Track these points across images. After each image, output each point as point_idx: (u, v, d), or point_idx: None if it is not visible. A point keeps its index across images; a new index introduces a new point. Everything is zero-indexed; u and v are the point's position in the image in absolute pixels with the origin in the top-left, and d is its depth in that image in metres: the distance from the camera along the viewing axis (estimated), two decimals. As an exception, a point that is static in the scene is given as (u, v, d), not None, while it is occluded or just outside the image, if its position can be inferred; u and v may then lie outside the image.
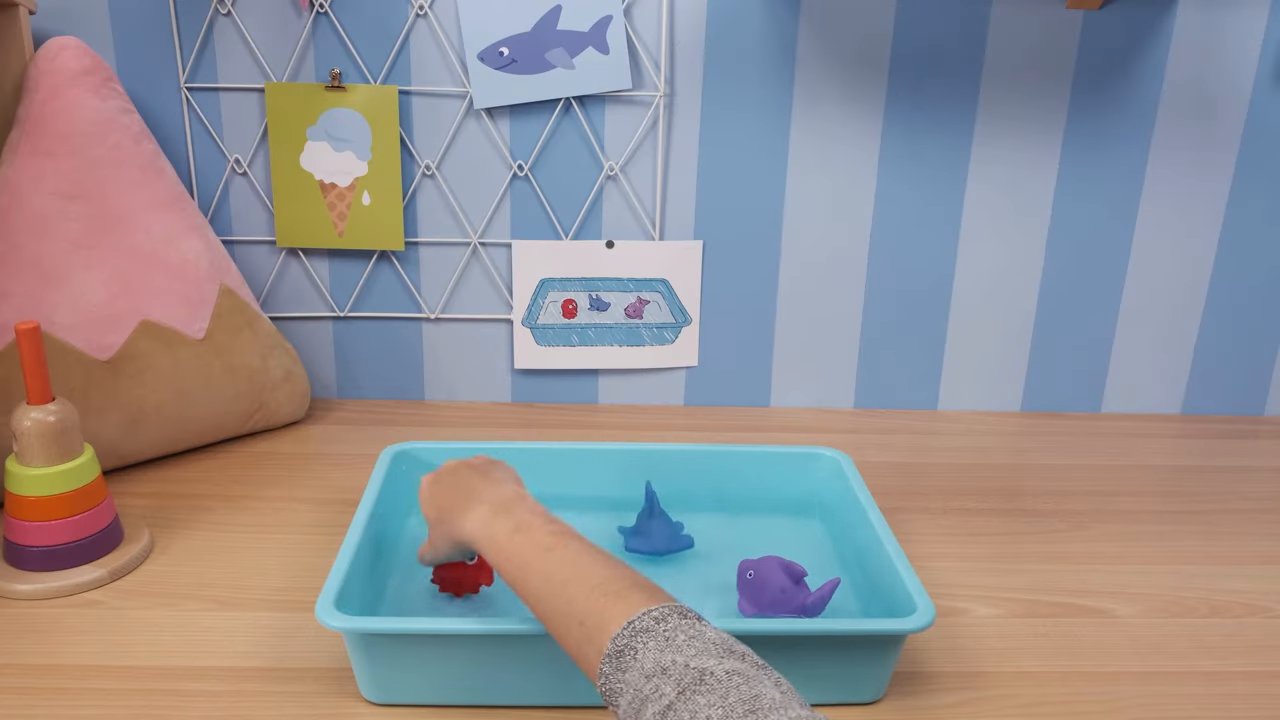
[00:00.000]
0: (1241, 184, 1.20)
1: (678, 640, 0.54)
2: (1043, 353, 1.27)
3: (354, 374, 1.25)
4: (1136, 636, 0.83)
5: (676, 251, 1.21)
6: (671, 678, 0.52)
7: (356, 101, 1.13)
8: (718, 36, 1.14)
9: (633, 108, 1.16)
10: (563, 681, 0.72)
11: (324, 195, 1.16)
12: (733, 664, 0.53)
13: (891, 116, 1.17)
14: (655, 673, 0.53)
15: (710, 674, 0.52)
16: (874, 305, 1.24)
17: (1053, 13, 1.13)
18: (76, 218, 0.99)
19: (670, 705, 0.51)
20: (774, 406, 1.28)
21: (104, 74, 1.02)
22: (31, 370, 0.83)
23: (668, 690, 0.52)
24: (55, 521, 0.84)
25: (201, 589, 0.86)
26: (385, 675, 0.71)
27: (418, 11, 1.11)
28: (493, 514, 0.70)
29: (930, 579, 0.89)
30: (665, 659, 0.53)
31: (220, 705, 0.72)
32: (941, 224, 1.21)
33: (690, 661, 0.53)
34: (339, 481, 1.04)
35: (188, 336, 1.05)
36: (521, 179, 1.18)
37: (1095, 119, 1.17)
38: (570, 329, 1.23)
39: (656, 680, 0.52)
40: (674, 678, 0.52)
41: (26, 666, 0.75)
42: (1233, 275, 1.24)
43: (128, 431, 1.03)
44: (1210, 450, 1.20)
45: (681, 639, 0.55)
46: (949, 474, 1.11)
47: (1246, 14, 1.14)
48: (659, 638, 0.55)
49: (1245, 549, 0.97)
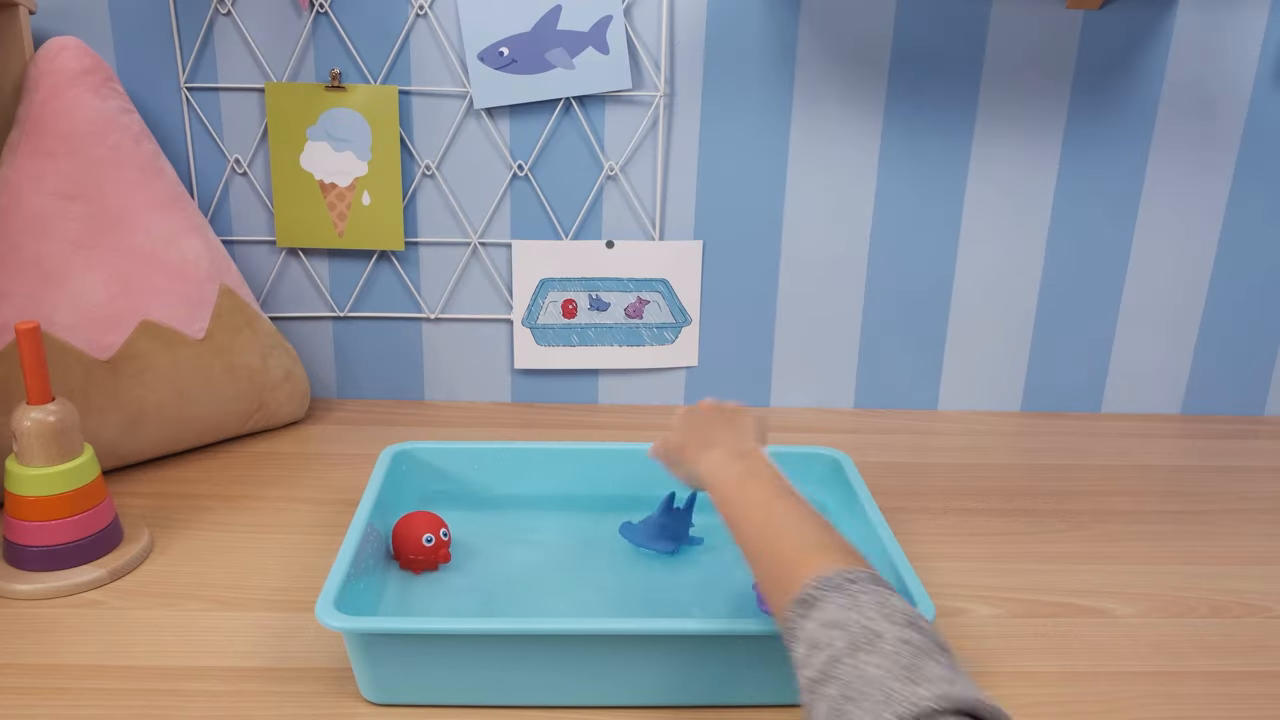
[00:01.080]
0: (1241, 184, 1.20)
1: (862, 602, 0.57)
2: (1043, 353, 1.27)
3: (354, 374, 1.25)
4: (1136, 636, 0.83)
5: (676, 251, 1.21)
6: (847, 632, 0.55)
7: (356, 101, 1.13)
8: (718, 36, 1.14)
9: (633, 108, 1.16)
10: (563, 681, 0.72)
11: (324, 195, 1.16)
12: (909, 634, 0.54)
13: (891, 116, 1.17)
14: (833, 624, 0.56)
15: (882, 636, 0.54)
16: (874, 305, 1.24)
17: (1053, 13, 1.13)
18: (76, 218, 0.99)
19: (838, 657, 0.53)
20: (774, 406, 1.28)
21: (104, 74, 1.02)
22: (31, 370, 0.83)
23: (839, 643, 0.54)
24: (55, 521, 0.84)
25: (201, 589, 0.86)
26: (385, 675, 0.71)
27: (418, 11, 1.11)
28: (728, 458, 0.75)
29: (930, 579, 0.89)
30: (846, 616, 0.56)
31: (220, 705, 0.72)
32: (941, 224, 1.21)
33: (868, 623, 0.55)
34: (339, 481, 1.04)
35: (188, 336, 1.05)
36: (521, 179, 1.18)
37: (1095, 119, 1.17)
38: (570, 329, 1.23)
39: (833, 632, 0.55)
40: (849, 633, 0.55)
41: (26, 666, 0.75)
42: (1233, 275, 1.24)
43: (128, 431, 1.03)
44: (1210, 450, 1.20)
45: (866, 601, 0.57)
46: (949, 474, 1.11)
47: (1246, 14, 1.14)
48: (847, 595, 0.58)
49: (1245, 549, 0.97)
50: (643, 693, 0.73)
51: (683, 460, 0.81)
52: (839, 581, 0.59)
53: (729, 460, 0.75)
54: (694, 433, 0.81)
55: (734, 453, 0.76)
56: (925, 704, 0.49)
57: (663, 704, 0.73)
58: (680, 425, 0.83)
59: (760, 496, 0.70)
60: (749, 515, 0.69)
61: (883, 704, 0.49)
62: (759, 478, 0.72)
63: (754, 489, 0.71)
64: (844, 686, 0.52)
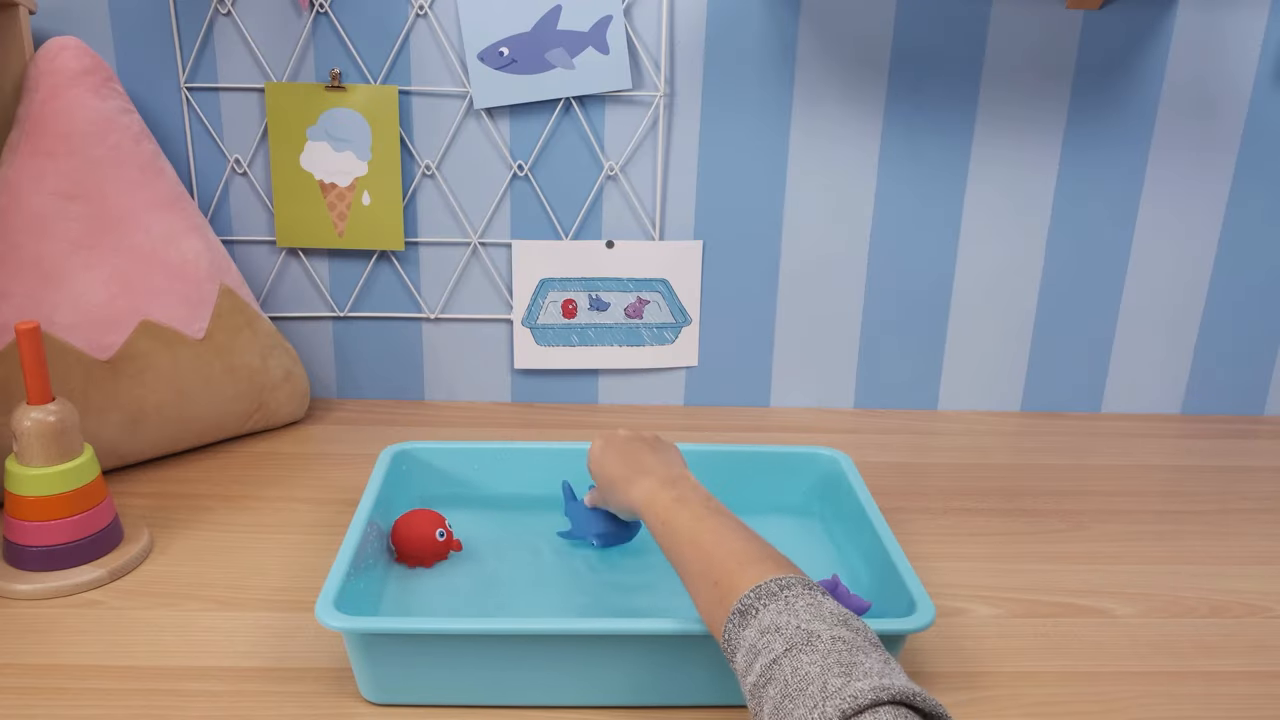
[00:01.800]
0: (1241, 184, 1.20)
1: (797, 606, 0.59)
2: (1043, 353, 1.27)
3: (354, 374, 1.25)
4: (1136, 636, 0.83)
5: (676, 251, 1.21)
6: (783, 635, 0.57)
7: (356, 101, 1.13)
8: (718, 36, 1.14)
9: (633, 108, 1.16)
10: (563, 682, 0.72)
11: (324, 195, 1.16)
12: (842, 631, 0.56)
13: (891, 116, 1.17)
14: (770, 630, 0.58)
15: (818, 636, 0.56)
16: (874, 305, 1.24)
17: (1053, 13, 1.13)
18: (76, 218, 0.99)
19: (776, 659, 0.56)
20: (774, 406, 1.28)
21: (104, 74, 1.02)
22: (31, 370, 0.83)
23: (777, 645, 0.56)
24: (55, 521, 0.84)
25: (201, 589, 0.86)
26: (385, 675, 0.71)
27: (418, 11, 1.11)
28: (660, 486, 0.77)
29: (930, 579, 0.89)
30: (782, 620, 0.58)
31: (220, 705, 0.72)
32: (941, 224, 1.21)
33: (802, 624, 0.57)
34: (339, 481, 1.04)
35: (188, 336, 1.05)
36: (521, 179, 1.18)
37: (1095, 119, 1.17)
38: (570, 329, 1.23)
39: (770, 636, 0.57)
40: (785, 635, 0.57)
41: (26, 666, 0.75)
42: (1233, 275, 1.24)
43: (128, 431, 1.03)
44: (1210, 450, 1.20)
45: (801, 605, 0.59)
46: (949, 474, 1.11)
47: (1246, 14, 1.14)
48: (781, 601, 0.59)
49: (1245, 549, 0.97)
50: (643, 692, 0.73)
51: (615, 492, 0.82)
52: (773, 589, 0.61)
53: (660, 488, 0.76)
54: (622, 464, 0.82)
55: (664, 480, 0.78)
56: (864, 697, 0.50)
57: (663, 704, 0.73)
58: (601, 459, 0.85)
59: (691, 519, 0.71)
60: (681, 539, 0.70)
61: (821, 699, 0.51)
62: (689, 502, 0.73)
63: (685, 513, 0.72)
64: (784, 686, 0.54)
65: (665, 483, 0.77)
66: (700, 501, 0.74)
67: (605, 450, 0.85)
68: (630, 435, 0.86)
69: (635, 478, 0.80)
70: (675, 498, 0.75)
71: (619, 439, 0.86)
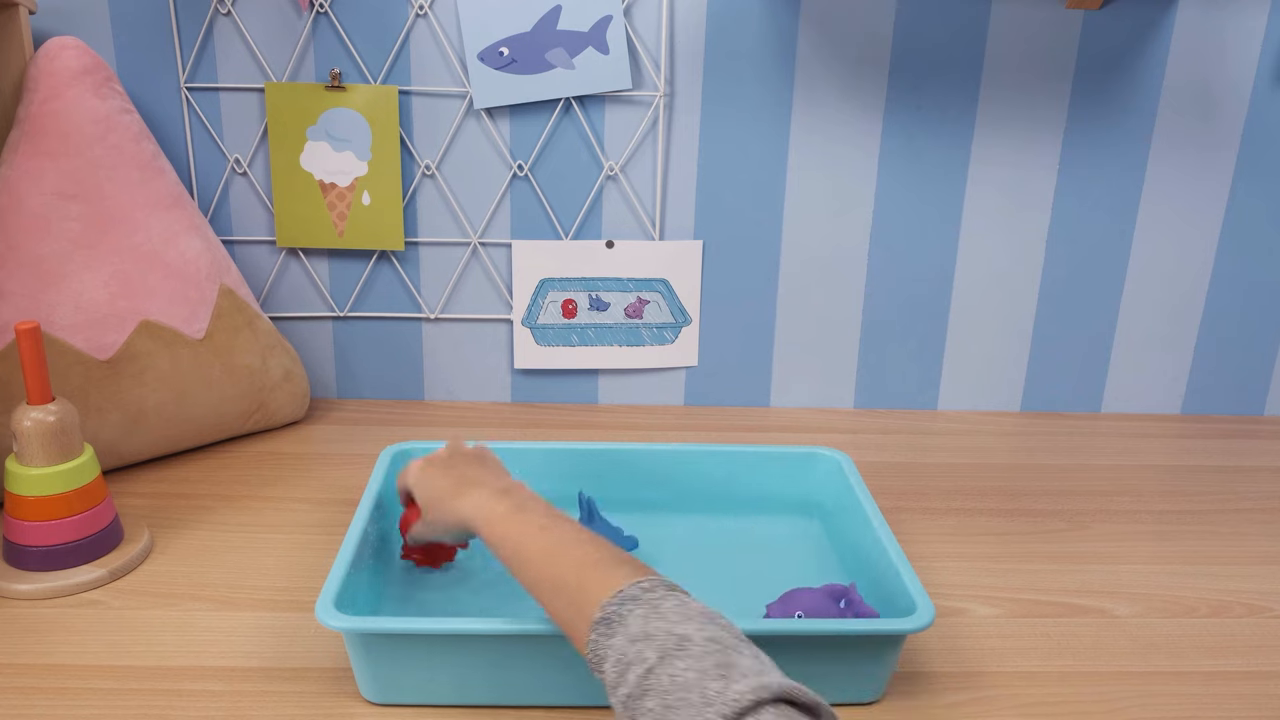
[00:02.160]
0: (1241, 184, 1.20)
1: (663, 608, 0.57)
2: (1043, 353, 1.27)
3: (354, 374, 1.25)
4: (1136, 636, 0.83)
5: (676, 251, 1.21)
6: (655, 642, 0.55)
7: (356, 101, 1.13)
8: (718, 36, 1.14)
9: (633, 108, 1.16)
10: (562, 681, 0.72)
11: (324, 195, 1.16)
12: (714, 631, 0.55)
13: (891, 116, 1.17)
14: (640, 637, 0.56)
15: (690, 639, 0.54)
16: (874, 305, 1.24)
17: (1053, 13, 1.13)
18: (76, 218, 0.99)
19: (651, 668, 0.54)
20: (774, 406, 1.28)
21: (104, 74, 1.02)
22: (31, 370, 0.83)
23: (650, 654, 0.54)
24: (55, 521, 0.84)
25: (201, 589, 0.86)
26: (385, 675, 0.71)
27: (418, 11, 1.11)
28: (494, 497, 0.73)
29: (930, 579, 0.89)
30: (650, 626, 0.56)
31: (220, 705, 0.72)
32: (941, 224, 1.21)
33: (673, 628, 0.55)
34: (339, 481, 1.04)
35: (188, 336, 1.05)
36: (521, 179, 1.18)
37: (1095, 119, 1.17)
38: (570, 329, 1.23)
39: (640, 645, 0.55)
40: (657, 642, 0.55)
41: (26, 666, 0.75)
42: (1233, 275, 1.24)
43: (128, 431, 1.03)
44: (1210, 450, 1.20)
45: (667, 607, 0.57)
46: (949, 474, 1.11)
47: (1246, 14, 1.14)
48: (646, 606, 0.58)
49: (1245, 549, 0.97)
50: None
51: (440, 512, 0.77)
52: (634, 593, 0.59)
53: (494, 498, 0.73)
54: (445, 480, 0.78)
55: (496, 491, 0.74)
56: (746, 699, 0.50)
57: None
58: (423, 477, 0.80)
59: (530, 531, 0.68)
60: (526, 550, 0.67)
61: (703, 706, 0.50)
62: (526, 511, 0.70)
63: (522, 524, 0.69)
64: (662, 695, 0.52)
65: (498, 493, 0.73)
66: (541, 510, 0.70)
67: (426, 467, 0.80)
68: (452, 450, 0.82)
69: (463, 490, 0.75)
70: (513, 506, 0.71)
71: (440, 456, 0.81)
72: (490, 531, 0.71)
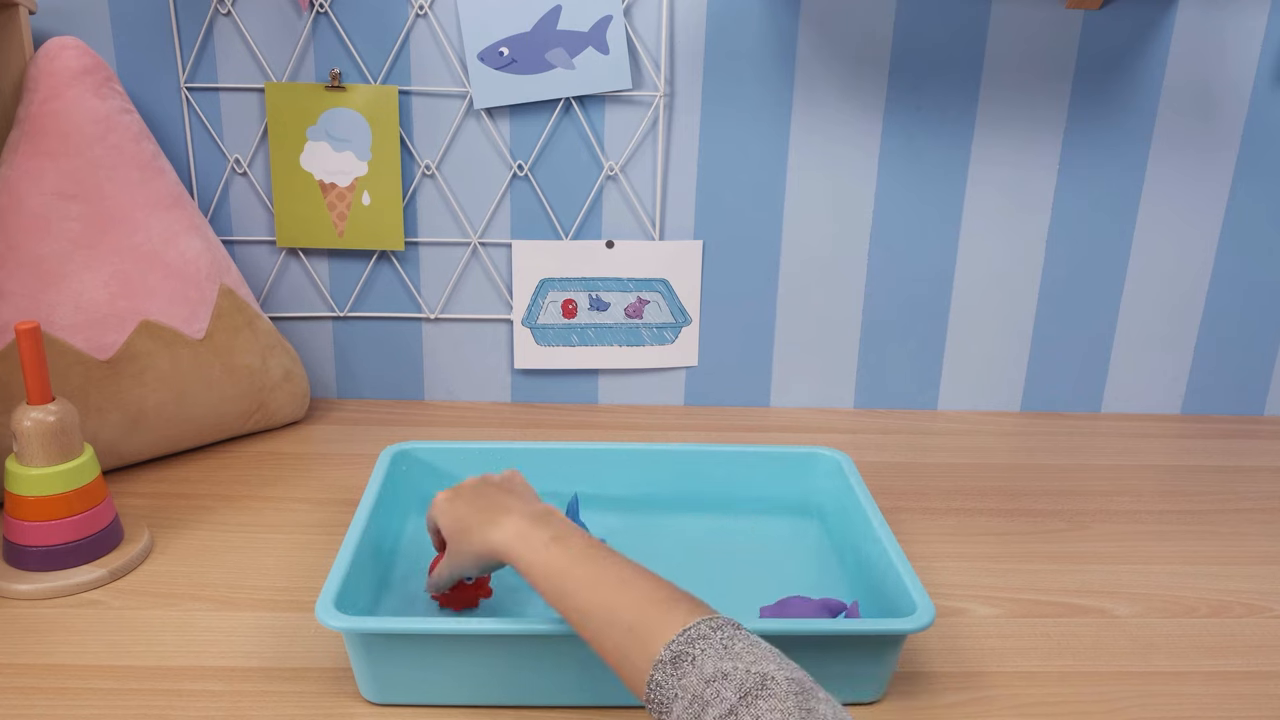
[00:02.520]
0: (1241, 184, 1.20)
1: (736, 648, 0.56)
2: (1043, 353, 1.27)
3: (354, 374, 1.25)
4: (1136, 636, 0.83)
5: (676, 251, 1.21)
6: (733, 682, 0.53)
7: (356, 101, 1.13)
8: (718, 36, 1.14)
9: (633, 108, 1.16)
10: (562, 681, 0.72)
11: (324, 195, 1.16)
12: (791, 671, 0.54)
13: (891, 116, 1.17)
14: (716, 677, 0.54)
15: (772, 679, 0.53)
16: (874, 305, 1.24)
17: (1053, 13, 1.13)
18: (76, 218, 0.99)
19: (732, 709, 0.52)
20: (774, 406, 1.28)
21: (104, 74, 1.02)
22: (31, 370, 0.83)
23: (729, 694, 0.53)
24: (55, 521, 0.84)
25: (201, 589, 0.86)
26: (385, 675, 0.71)
27: (418, 11, 1.11)
28: (528, 523, 0.69)
29: (930, 579, 0.89)
30: (726, 665, 0.54)
31: (220, 705, 0.72)
32: (941, 224, 1.21)
33: (751, 667, 0.54)
34: (339, 481, 1.04)
35: (188, 336, 1.05)
36: (521, 179, 1.18)
37: (1095, 119, 1.17)
38: (570, 329, 1.23)
39: (717, 685, 0.53)
40: (735, 682, 0.53)
41: (26, 666, 0.75)
42: (1232, 275, 1.24)
43: (128, 431, 1.03)
44: (1210, 450, 1.20)
45: (739, 647, 0.56)
46: (949, 474, 1.11)
47: (1246, 14, 1.14)
48: (717, 645, 0.56)
49: (1245, 549, 0.97)
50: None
51: (467, 543, 0.73)
52: (703, 631, 0.57)
53: (529, 525, 0.69)
54: (473, 510, 0.73)
55: (530, 516, 0.70)
56: None
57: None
58: (449, 509, 0.75)
59: (573, 560, 0.65)
60: (569, 581, 0.64)
61: None
62: (566, 540, 0.67)
63: (562, 553, 0.66)
64: None
65: (532, 520, 0.70)
66: (580, 540, 0.67)
67: (454, 498, 0.76)
68: (479, 480, 0.78)
69: (494, 517, 0.71)
70: (551, 537, 0.67)
71: (467, 486, 0.77)
72: (527, 560, 0.67)
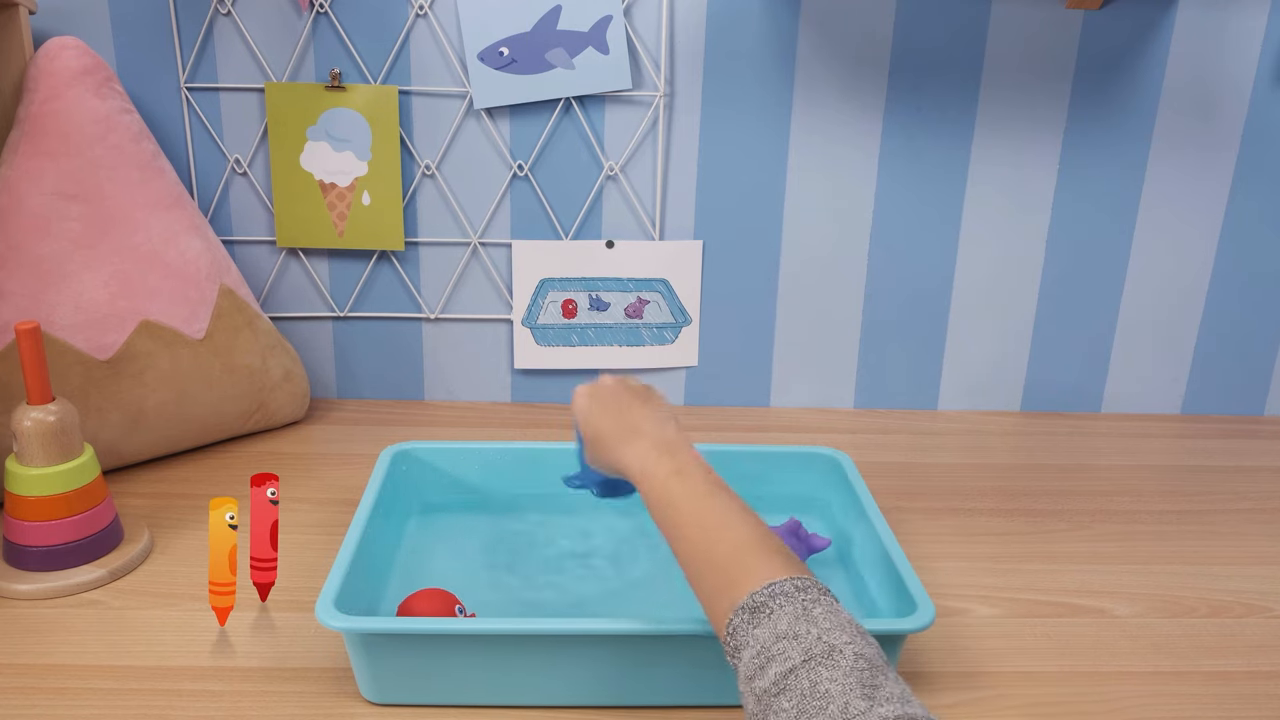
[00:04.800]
0: (1241, 184, 1.20)
1: (814, 613, 0.56)
2: (1043, 353, 1.27)
3: (354, 374, 1.25)
4: (1136, 636, 0.83)
5: (676, 251, 1.21)
6: (801, 644, 0.54)
7: (356, 101, 1.13)
8: (718, 36, 1.14)
9: (633, 108, 1.16)
10: (562, 681, 0.72)
11: (324, 195, 1.16)
12: (862, 647, 0.54)
13: (891, 116, 1.17)
14: (787, 635, 0.55)
15: (839, 651, 0.53)
16: (874, 305, 1.24)
17: (1053, 13, 1.13)
18: (76, 218, 0.99)
19: (793, 669, 0.53)
20: (774, 406, 1.28)
21: (104, 74, 1.02)
22: (31, 370, 0.83)
23: (794, 654, 0.53)
24: (55, 521, 0.84)
25: (201, 589, 0.85)
26: (385, 675, 0.71)
27: (418, 11, 1.11)
28: (656, 452, 0.71)
29: (930, 579, 0.89)
30: (799, 627, 0.55)
31: (220, 705, 0.72)
32: (941, 224, 1.21)
33: (823, 635, 0.54)
34: (339, 481, 1.04)
35: (188, 336, 1.05)
36: (521, 179, 1.18)
37: (1095, 119, 1.17)
38: (570, 329, 1.23)
39: (786, 643, 0.54)
40: (803, 645, 0.54)
41: (26, 666, 0.75)
42: (1232, 275, 1.24)
43: (128, 431, 1.03)
44: (1210, 450, 1.20)
45: (818, 612, 0.56)
46: (949, 474, 1.11)
47: (1246, 14, 1.14)
48: (797, 604, 0.57)
49: (1245, 549, 0.97)
50: (643, 692, 0.73)
51: (605, 451, 0.76)
52: (787, 589, 0.58)
53: (656, 455, 0.71)
54: (609, 421, 0.76)
55: (660, 445, 0.72)
56: None
57: (665, 703, 0.73)
58: (589, 413, 0.78)
59: (690, 497, 0.67)
60: (683, 517, 0.66)
61: None
62: (688, 475, 0.69)
63: (682, 488, 0.68)
64: (800, 700, 0.51)
65: (662, 448, 0.72)
66: (702, 476, 0.69)
67: (591, 404, 0.78)
68: (617, 385, 0.80)
69: (628, 438, 0.74)
70: (674, 469, 0.69)
71: (606, 391, 0.79)
72: (649, 490, 0.70)
